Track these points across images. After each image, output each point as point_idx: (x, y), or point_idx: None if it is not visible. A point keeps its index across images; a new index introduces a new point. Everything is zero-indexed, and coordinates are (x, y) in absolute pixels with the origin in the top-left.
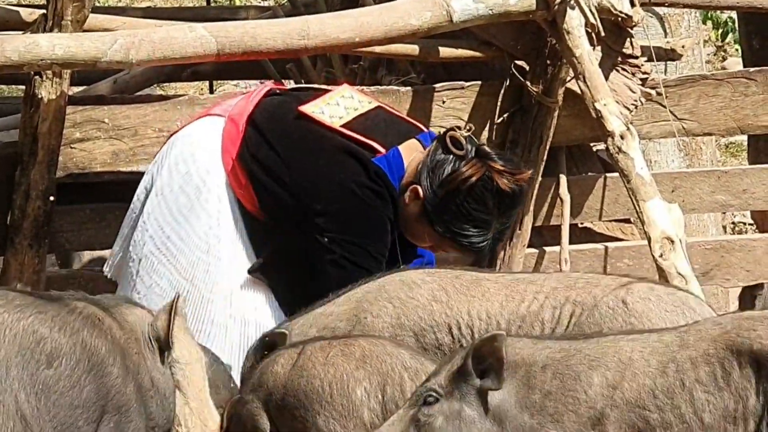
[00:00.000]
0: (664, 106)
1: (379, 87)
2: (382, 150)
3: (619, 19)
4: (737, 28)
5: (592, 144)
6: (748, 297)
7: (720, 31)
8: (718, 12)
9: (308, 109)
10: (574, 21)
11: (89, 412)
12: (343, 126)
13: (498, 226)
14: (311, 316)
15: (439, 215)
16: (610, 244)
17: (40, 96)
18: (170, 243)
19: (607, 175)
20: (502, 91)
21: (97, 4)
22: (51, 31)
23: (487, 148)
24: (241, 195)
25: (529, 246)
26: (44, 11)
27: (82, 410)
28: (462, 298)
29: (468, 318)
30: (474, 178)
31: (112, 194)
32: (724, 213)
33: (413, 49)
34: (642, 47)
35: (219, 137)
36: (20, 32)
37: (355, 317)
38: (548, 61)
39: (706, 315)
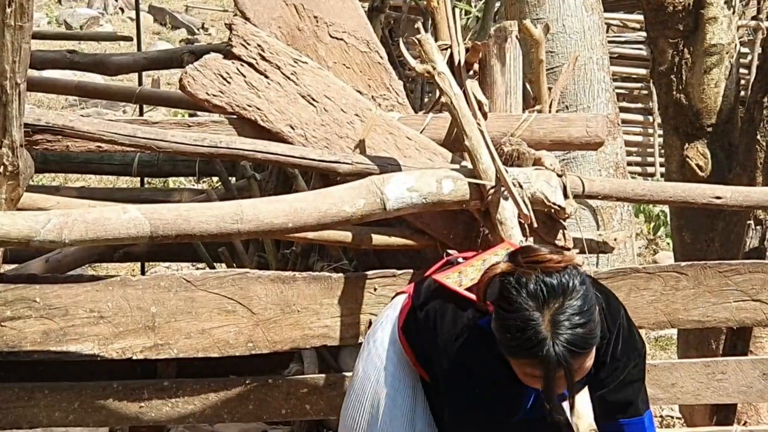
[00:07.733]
0: None
1: (311, 273)
2: None
3: (553, 210)
4: (669, 222)
5: None
6: None
7: (652, 224)
8: (651, 206)
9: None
10: (507, 212)
11: None
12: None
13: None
14: None
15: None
16: None
17: None
18: None
19: None
20: None
21: (32, 183)
22: None
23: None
24: None
25: None
26: None
27: None
28: None
29: None
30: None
31: (42, 374)
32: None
33: (346, 235)
34: (574, 239)
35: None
36: None
37: None
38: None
39: None
